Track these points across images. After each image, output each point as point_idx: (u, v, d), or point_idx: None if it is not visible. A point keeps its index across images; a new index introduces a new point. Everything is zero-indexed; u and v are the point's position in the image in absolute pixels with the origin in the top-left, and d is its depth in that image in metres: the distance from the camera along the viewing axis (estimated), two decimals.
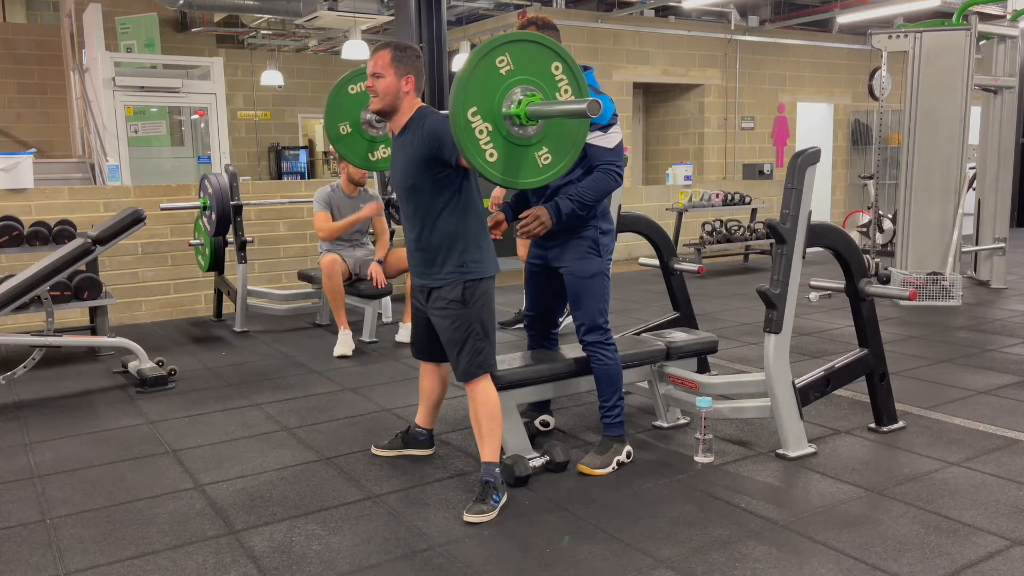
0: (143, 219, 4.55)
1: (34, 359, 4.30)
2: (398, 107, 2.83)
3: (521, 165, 2.63)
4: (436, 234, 2.85)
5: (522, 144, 2.61)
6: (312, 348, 5.41)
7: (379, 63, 2.80)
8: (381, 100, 2.82)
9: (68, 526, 2.78)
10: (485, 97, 2.51)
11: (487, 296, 2.90)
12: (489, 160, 2.55)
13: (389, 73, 2.79)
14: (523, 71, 2.57)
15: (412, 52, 2.85)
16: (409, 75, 2.81)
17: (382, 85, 2.80)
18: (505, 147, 2.58)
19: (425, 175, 2.79)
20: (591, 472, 3.10)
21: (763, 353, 3.26)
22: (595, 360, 3.16)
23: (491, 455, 2.87)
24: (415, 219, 2.89)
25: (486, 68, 2.51)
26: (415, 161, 2.80)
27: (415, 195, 2.85)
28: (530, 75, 2.58)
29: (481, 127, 2.52)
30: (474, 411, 2.88)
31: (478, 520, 2.72)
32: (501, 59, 2.53)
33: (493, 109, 2.53)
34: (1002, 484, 3.00)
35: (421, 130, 2.78)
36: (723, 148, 12.37)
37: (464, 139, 2.50)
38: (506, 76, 2.54)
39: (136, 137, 9.28)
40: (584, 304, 3.12)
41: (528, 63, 2.57)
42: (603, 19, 10.93)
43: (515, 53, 2.55)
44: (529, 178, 2.66)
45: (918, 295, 6.38)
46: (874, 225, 7.41)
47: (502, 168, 2.58)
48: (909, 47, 6.45)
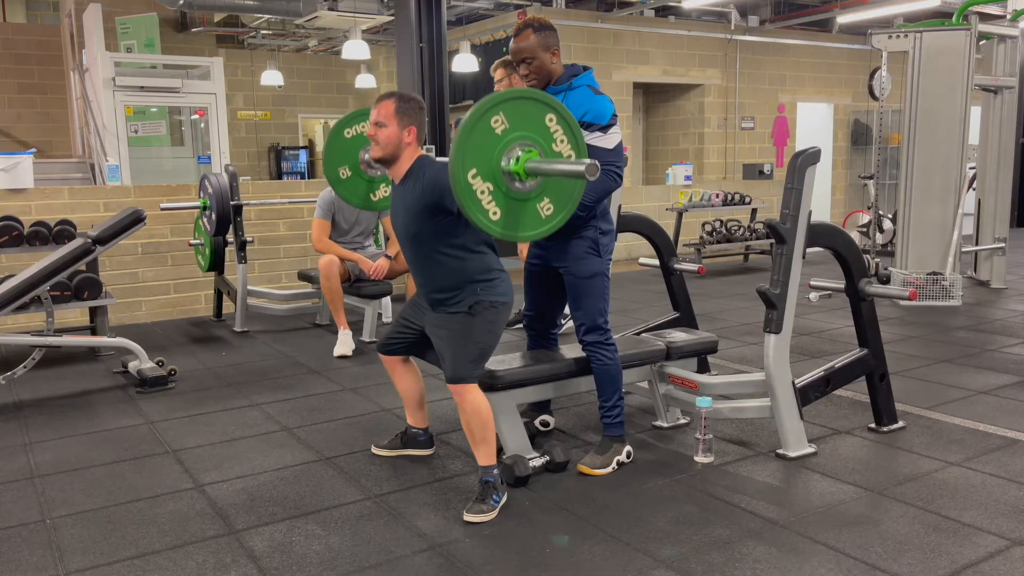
0: (143, 219, 4.56)
1: (34, 359, 4.30)
2: (398, 156, 2.89)
3: (524, 218, 2.67)
4: (444, 275, 2.91)
5: (523, 199, 2.65)
6: (312, 348, 5.41)
7: (383, 112, 2.86)
8: (382, 149, 2.88)
9: (68, 526, 2.78)
10: (484, 158, 2.55)
11: (495, 318, 2.92)
12: (492, 218, 2.60)
13: (392, 123, 2.85)
14: (518, 127, 2.60)
15: (416, 104, 2.91)
16: (412, 126, 2.87)
17: (384, 134, 2.86)
18: (507, 203, 2.62)
19: (427, 223, 2.85)
20: (591, 472, 3.11)
21: (763, 353, 3.26)
22: (595, 360, 3.16)
23: (487, 459, 2.87)
24: (421, 264, 2.96)
25: (482, 130, 2.54)
26: (417, 210, 2.85)
27: (418, 242, 2.91)
28: (526, 131, 2.61)
29: (482, 187, 2.56)
30: (465, 420, 2.87)
31: (478, 520, 2.72)
32: (496, 119, 2.56)
33: (493, 168, 2.57)
34: (1002, 484, 3.00)
35: (422, 180, 2.84)
36: (723, 148, 12.37)
37: (466, 201, 2.53)
38: (502, 135, 2.58)
39: (136, 137, 9.28)
40: (584, 304, 3.12)
41: (522, 119, 2.61)
42: (603, 19, 10.93)
43: (509, 111, 2.58)
44: (532, 230, 2.71)
45: (918, 295, 6.38)
46: (874, 225, 7.41)
47: (505, 224, 2.63)
48: (909, 47, 6.45)
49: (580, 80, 3.08)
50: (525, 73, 3.09)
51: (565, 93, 3.07)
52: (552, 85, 3.10)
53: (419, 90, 7.18)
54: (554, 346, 3.47)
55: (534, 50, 3.04)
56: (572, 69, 3.11)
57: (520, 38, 3.06)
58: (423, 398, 3.35)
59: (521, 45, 3.05)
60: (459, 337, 2.89)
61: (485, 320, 2.90)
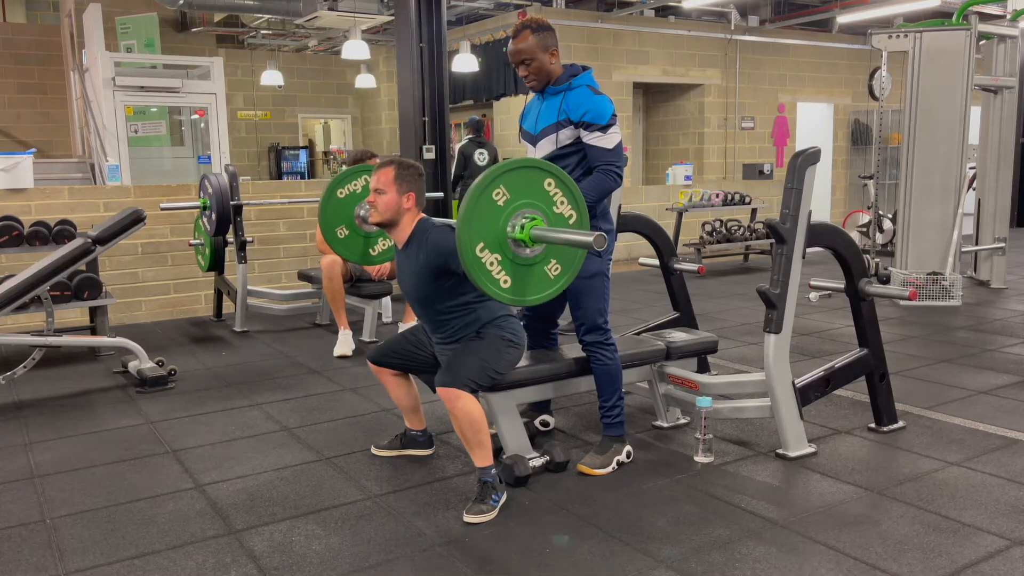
0: (143, 219, 4.56)
1: (34, 359, 4.30)
2: (398, 221, 2.97)
3: (532, 282, 2.73)
4: (455, 329, 2.98)
5: (531, 263, 2.71)
6: (312, 348, 5.41)
7: (382, 180, 2.92)
8: (381, 215, 2.95)
9: (68, 526, 2.78)
10: (489, 231, 2.61)
11: (504, 347, 2.96)
12: (503, 287, 2.66)
13: (391, 190, 2.91)
14: (520, 196, 2.65)
15: (415, 171, 2.98)
16: (410, 192, 2.94)
17: (383, 201, 2.92)
18: (515, 270, 2.69)
19: (435, 285, 2.92)
20: (591, 472, 3.11)
21: (763, 353, 3.26)
22: (595, 360, 3.16)
23: (484, 461, 2.87)
24: (433, 321, 3.03)
25: (485, 204, 2.59)
26: (423, 274, 2.92)
27: (428, 303, 2.99)
28: (527, 198, 2.67)
29: (490, 259, 2.62)
30: (457, 426, 2.87)
31: (478, 520, 2.72)
32: (497, 192, 2.61)
33: (499, 239, 2.63)
34: (1002, 484, 3.00)
35: (426, 244, 2.90)
36: (723, 148, 12.37)
37: (476, 273, 2.60)
38: (504, 206, 2.63)
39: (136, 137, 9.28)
40: (584, 304, 3.12)
41: (522, 188, 2.66)
42: (603, 19, 10.93)
43: (508, 182, 2.63)
44: (542, 292, 2.78)
45: (918, 295, 6.38)
46: (874, 225, 7.41)
47: (516, 290, 2.70)
48: (909, 47, 6.45)
49: (579, 80, 3.08)
50: (524, 74, 3.10)
51: (564, 93, 3.07)
52: (551, 85, 3.11)
53: (419, 90, 7.18)
54: (554, 346, 3.47)
55: (533, 51, 3.04)
56: (571, 69, 3.11)
57: (519, 39, 3.07)
58: (418, 403, 3.35)
59: (520, 46, 3.06)
60: (465, 351, 2.94)
61: (492, 344, 2.95)
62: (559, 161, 3.04)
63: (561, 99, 3.07)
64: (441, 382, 2.86)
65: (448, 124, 7.46)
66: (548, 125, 3.09)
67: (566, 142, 3.06)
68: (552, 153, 3.08)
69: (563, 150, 3.07)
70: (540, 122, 3.14)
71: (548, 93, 3.13)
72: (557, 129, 3.05)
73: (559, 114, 3.05)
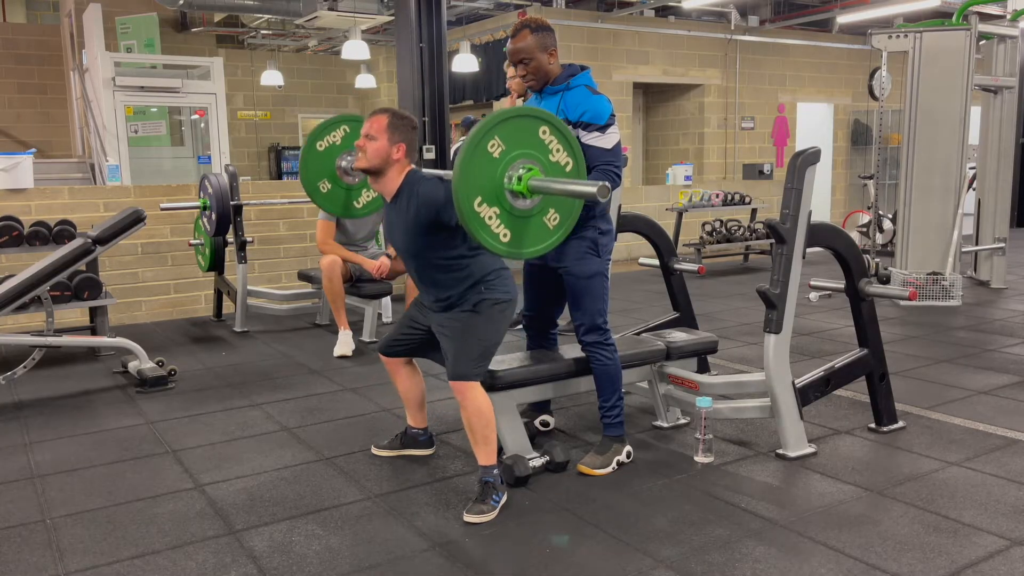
0: (143, 219, 4.56)
1: (34, 359, 4.30)
2: (384, 171, 2.90)
3: (532, 234, 2.70)
4: (447, 284, 2.94)
5: (529, 215, 2.68)
6: (312, 348, 5.41)
7: (375, 126, 2.87)
8: (368, 161, 2.88)
9: (68, 526, 2.78)
10: (486, 184, 2.57)
11: (500, 315, 2.94)
12: (503, 240, 2.63)
13: (383, 137, 2.86)
14: (515, 147, 2.62)
15: (409, 122, 2.93)
16: (401, 143, 2.89)
17: (373, 147, 2.87)
18: (513, 222, 2.65)
19: (426, 239, 2.88)
20: (591, 472, 3.11)
21: (763, 353, 3.26)
22: (595, 360, 3.16)
23: (488, 459, 2.87)
24: (424, 276, 2.99)
25: (480, 157, 2.56)
26: (414, 228, 2.87)
27: (420, 257, 2.94)
28: (522, 148, 2.63)
29: (489, 213, 2.58)
30: (466, 418, 2.87)
31: (478, 520, 2.72)
32: (492, 143, 2.58)
33: (497, 192, 2.60)
34: (1002, 484, 3.00)
35: (416, 197, 2.86)
36: (723, 148, 12.37)
37: (476, 228, 2.57)
38: (500, 158, 2.60)
39: (136, 137, 9.29)
40: (583, 305, 3.12)
41: (517, 138, 2.63)
42: (603, 19, 10.92)
43: (502, 133, 2.60)
44: (541, 244, 2.75)
45: (918, 295, 6.38)
46: (874, 225, 7.41)
47: (516, 243, 2.68)
48: (909, 47, 6.45)
49: (577, 80, 3.08)
50: (523, 73, 3.09)
51: (562, 93, 3.07)
52: (550, 85, 3.11)
53: (419, 90, 7.18)
54: (553, 345, 3.47)
55: (531, 51, 3.04)
56: (570, 69, 3.11)
57: (517, 39, 3.06)
58: (424, 399, 3.35)
59: (519, 46, 3.05)
60: (463, 334, 2.90)
61: (489, 318, 2.91)
62: None
63: (559, 99, 3.07)
64: (451, 376, 2.86)
65: (448, 124, 7.46)
66: None
67: None
68: None
69: None
70: None
71: (546, 93, 3.12)
72: None
73: (557, 114, 3.04)
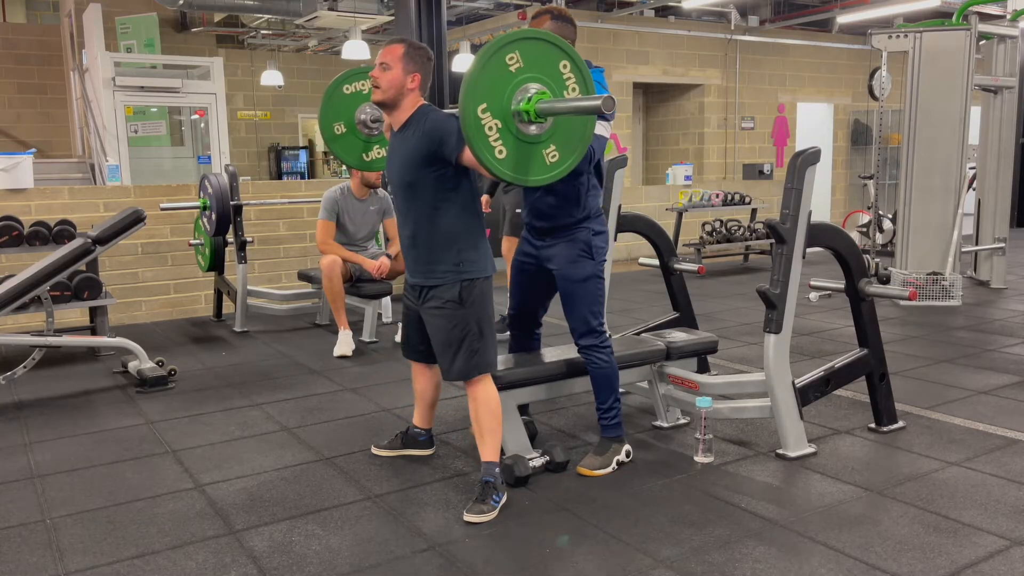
0: (143, 219, 4.56)
1: (34, 359, 4.30)
2: (399, 103, 2.84)
3: (530, 162, 2.63)
4: (432, 232, 2.84)
5: (531, 142, 2.61)
6: (312, 348, 5.41)
7: (390, 55, 2.81)
8: (383, 92, 2.82)
9: (68, 526, 2.78)
10: (495, 94, 2.52)
11: (484, 296, 2.90)
12: (498, 157, 2.56)
13: (397, 67, 2.80)
14: (532, 68, 2.57)
15: (424, 53, 2.88)
16: (416, 73, 2.83)
17: (387, 77, 2.80)
18: (515, 144, 2.58)
19: (423, 172, 2.79)
20: (591, 473, 3.10)
21: (763, 353, 3.26)
22: (591, 363, 3.14)
23: (492, 455, 2.87)
24: (411, 216, 2.88)
25: (496, 65, 2.51)
26: (414, 157, 2.79)
27: (412, 192, 2.84)
28: (539, 73, 2.58)
29: (491, 124, 2.52)
30: (474, 410, 2.88)
31: (478, 520, 2.72)
32: (511, 56, 2.53)
33: (503, 106, 2.53)
34: (1002, 484, 3.00)
35: (422, 126, 2.79)
36: (723, 148, 12.37)
37: (474, 135, 2.50)
38: (516, 74, 2.54)
39: (136, 137, 9.28)
40: (578, 308, 3.09)
41: (537, 61, 2.58)
42: (603, 19, 10.92)
43: (525, 51, 2.55)
44: (538, 175, 2.67)
45: (918, 295, 6.38)
46: (874, 225, 7.41)
47: (511, 165, 2.59)
48: (909, 47, 6.45)
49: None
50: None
51: None
52: None
53: None
54: (537, 346, 3.43)
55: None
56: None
57: (536, 22, 3.01)
58: (436, 400, 3.34)
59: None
60: (455, 333, 2.85)
61: (474, 303, 2.85)
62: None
63: None
64: (454, 377, 2.86)
65: None
66: None
67: None
68: None
69: None
70: None
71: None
72: None
73: None
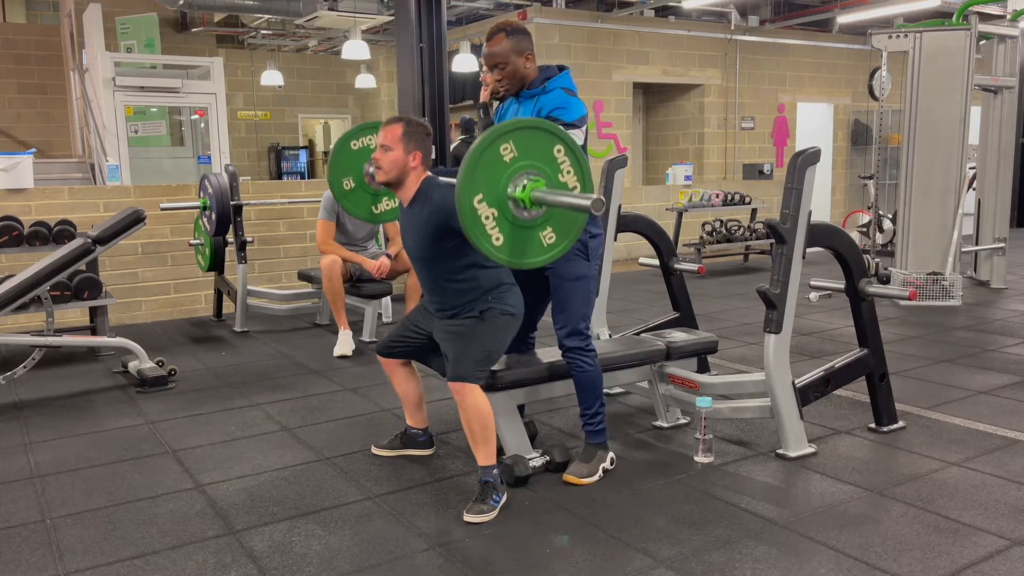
0: (143, 219, 4.56)
1: (34, 359, 4.30)
2: (403, 181, 2.95)
3: (527, 246, 2.69)
4: (456, 294, 2.97)
5: (527, 226, 2.67)
6: (312, 348, 5.41)
7: (389, 136, 2.91)
8: (386, 173, 2.93)
9: (68, 526, 2.78)
10: (490, 184, 2.58)
11: (505, 326, 2.96)
12: (496, 244, 2.62)
13: (398, 147, 2.90)
14: (527, 156, 2.62)
15: (422, 129, 2.96)
16: (417, 151, 2.93)
17: (389, 158, 2.91)
18: (511, 230, 2.64)
19: (437, 246, 2.91)
20: (578, 482, 3.05)
21: (763, 353, 3.26)
22: (575, 367, 3.08)
23: (487, 459, 2.86)
24: (433, 285, 3.01)
25: (491, 156, 2.56)
26: (427, 233, 2.91)
27: (430, 265, 2.98)
28: (533, 160, 2.64)
29: (487, 213, 2.59)
30: (465, 419, 2.86)
31: (478, 520, 2.72)
32: (505, 147, 2.58)
33: (499, 195, 2.60)
34: (1002, 484, 3.00)
35: (430, 202, 2.89)
36: (723, 148, 12.37)
37: (471, 225, 2.57)
38: (510, 163, 2.60)
39: (136, 137, 9.28)
40: (567, 307, 3.06)
41: (532, 148, 2.63)
42: (603, 19, 10.92)
43: (519, 140, 2.60)
44: (534, 257, 2.73)
45: (918, 295, 6.38)
46: (874, 225, 7.41)
47: (508, 251, 2.66)
48: (909, 47, 6.45)
49: (554, 83, 3.02)
50: (499, 78, 3.02)
51: (539, 96, 3.01)
52: (526, 89, 3.05)
53: (419, 90, 7.17)
54: (531, 349, 3.42)
55: (507, 55, 2.98)
56: (546, 71, 3.05)
57: (492, 43, 3.00)
58: (422, 399, 3.35)
59: (494, 50, 2.99)
60: (466, 338, 2.91)
61: (493, 326, 2.94)
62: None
63: (535, 103, 3.00)
64: (451, 377, 2.86)
65: (448, 124, 7.45)
66: None
67: None
68: None
69: None
70: None
71: (523, 97, 3.06)
72: None
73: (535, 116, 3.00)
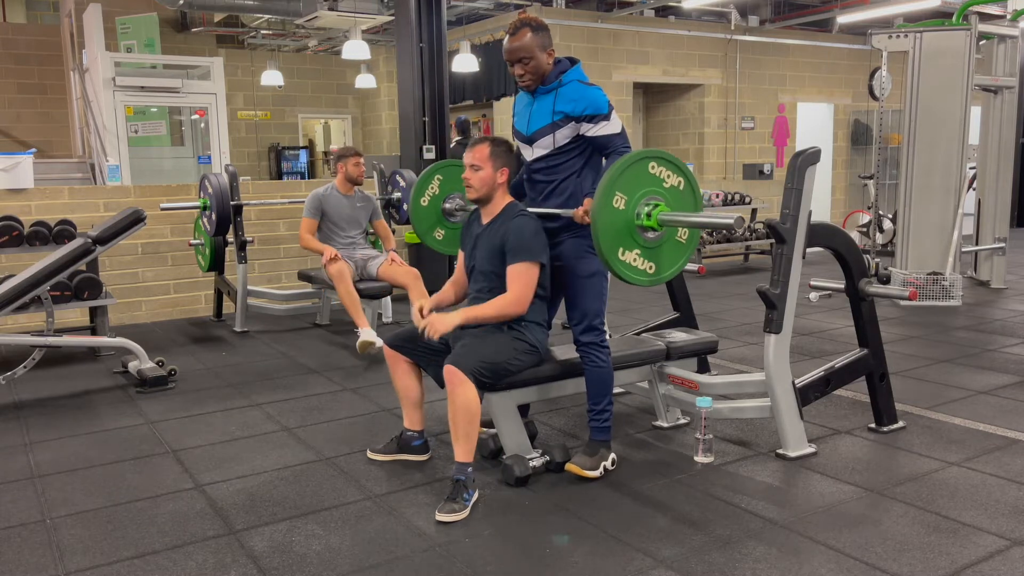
0: (143, 219, 4.56)
1: (34, 359, 4.30)
2: (492, 197, 3.10)
3: (669, 255, 2.95)
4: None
5: (662, 242, 2.91)
6: (312, 348, 5.41)
7: (478, 156, 3.05)
8: (478, 191, 3.08)
9: (68, 526, 2.78)
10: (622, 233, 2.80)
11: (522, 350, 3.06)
12: (650, 273, 2.90)
13: (487, 166, 3.04)
14: (635, 190, 2.83)
15: (507, 147, 3.11)
16: (504, 168, 3.07)
17: (479, 177, 3.05)
18: (654, 254, 2.90)
19: (503, 265, 3.04)
20: (582, 473, 3.07)
21: (763, 353, 3.26)
22: (588, 361, 3.12)
23: (465, 456, 2.87)
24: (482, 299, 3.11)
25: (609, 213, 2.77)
26: (495, 252, 3.07)
27: (491, 279, 3.11)
28: (641, 187, 2.83)
29: (631, 256, 2.84)
30: (452, 411, 2.86)
31: (450, 519, 2.73)
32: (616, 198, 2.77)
33: (632, 235, 2.82)
34: (1002, 484, 3.00)
35: (506, 225, 3.03)
36: (723, 148, 12.37)
37: (625, 273, 2.82)
38: (627, 208, 2.80)
39: (136, 137, 9.28)
40: (581, 303, 3.10)
41: (634, 183, 2.83)
42: (603, 19, 10.92)
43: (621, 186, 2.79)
44: (679, 261, 3.00)
45: (918, 295, 6.38)
46: (874, 225, 7.41)
47: (659, 271, 2.93)
48: (909, 47, 6.45)
49: (569, 76, 3.04)
50: (521, 72, 3.03)
51: (556, 91, 3.03)
52: (541, 85, 3.07)
53: (419, 90, 7.18)
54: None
55: (531, 50, 2.99)
56: (559, 66, 3.07)
57: (516, 37, 3.01)
58: (422, 399, 3.33)
59: (517, 44, 3.00)
60: (482, 339, 3.00)
61: (511, 342, 3.03)
62: (557, 160, 3.04)
63: (553, 97, 3.02)
64: (451, 361, 2.87)
65: (448, 124, 7.46)
66: (543, 127, 3.05)
67: (563, 142, 3.03)
68: (550, 153, 3.07)
69: (561, 150, 3.05)
70: (532, 123, 3.10)
71: (539, 93, 3.08)
72: (553, 130, 3.02)
73: (553, 115, 3.01)
